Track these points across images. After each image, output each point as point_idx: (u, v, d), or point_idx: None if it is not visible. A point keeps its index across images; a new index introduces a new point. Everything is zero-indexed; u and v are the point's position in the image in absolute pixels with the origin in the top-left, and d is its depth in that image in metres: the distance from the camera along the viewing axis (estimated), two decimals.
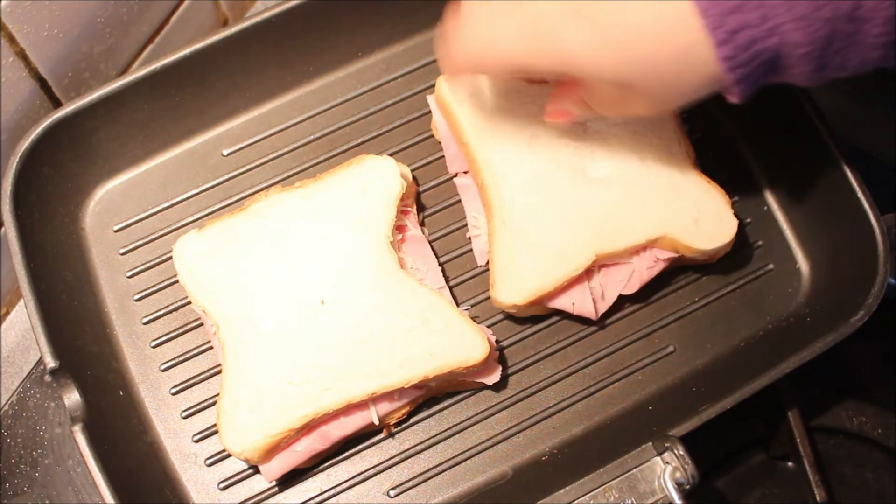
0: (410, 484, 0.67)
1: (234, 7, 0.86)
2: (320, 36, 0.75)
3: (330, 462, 0.67)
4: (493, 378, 0.66)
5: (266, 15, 0.71)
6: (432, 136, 0.75)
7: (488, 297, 0.69)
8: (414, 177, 0.73)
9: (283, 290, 0.65)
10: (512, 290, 0.65)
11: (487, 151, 0.68)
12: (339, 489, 0.67)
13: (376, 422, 0.65)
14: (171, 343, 0.70)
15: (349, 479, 0.67)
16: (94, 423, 0.61)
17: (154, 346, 0.70)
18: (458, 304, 0.70)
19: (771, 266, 0.73)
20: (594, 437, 0.67)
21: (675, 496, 0.58)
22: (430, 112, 0.74)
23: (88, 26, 0.72)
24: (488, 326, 0.69)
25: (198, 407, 0.68)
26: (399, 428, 0.68)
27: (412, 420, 0.68)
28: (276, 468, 0.64)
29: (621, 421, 0.68)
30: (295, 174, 0.75)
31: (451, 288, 0.70)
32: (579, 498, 0.59)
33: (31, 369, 0.76)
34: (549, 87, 0.70)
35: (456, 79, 0.68)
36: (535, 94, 0.69)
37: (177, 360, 0.70)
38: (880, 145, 0.83)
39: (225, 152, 0.75)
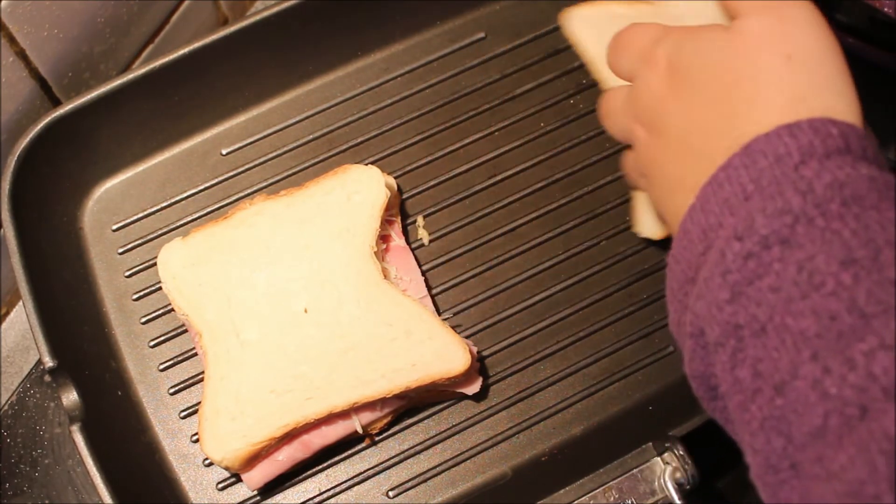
0: (410, 484, 0.67)
1: (234, 7, 0.86)
2: (320, 35, 0.75)
3: (329, 462, 0.67)
4: (474, 388, 0.66)
5: (266, 14, 0.71)
6: (431, 136, 0.75)
7: (470, 306, 0.69)
8: (399, 186, 0.73)
9: (266, 298, 0.65)
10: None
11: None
12: (338, 489, 0.67)
13: (359, 430, 0.65)
14: (169, 343, 0.70)
15: (348, 480, 0.67)
16: (92, 422, 0.61)
17: (152, 346, 0.70)
18: (439, 313, 0.70)
19: None
20: (594, 437, 0.67)
21: (676, 496, 0.58)
22: (430, 111, 0.75)
23: (88, 26, 0.71)
24: (471, 335, 0.69)
25: (196, 407, 0.68)
26: (398, 429, 0.68)
27: (411, 421, 0.68)
28: (257, 477, 0.64)
29: (621, 421, 0.68)
30: (294, 174, 0.74)
31: (433, 297, 0.70)
32: (579, 498, 0.59)
33: (31, 369, 0.76)
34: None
35: None
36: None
37: (175, 360, 0.70)
38: (880, 145, 0.82)
39: (224, 151, 0.75)
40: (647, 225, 0.66)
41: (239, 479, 0.66)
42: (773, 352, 0.36)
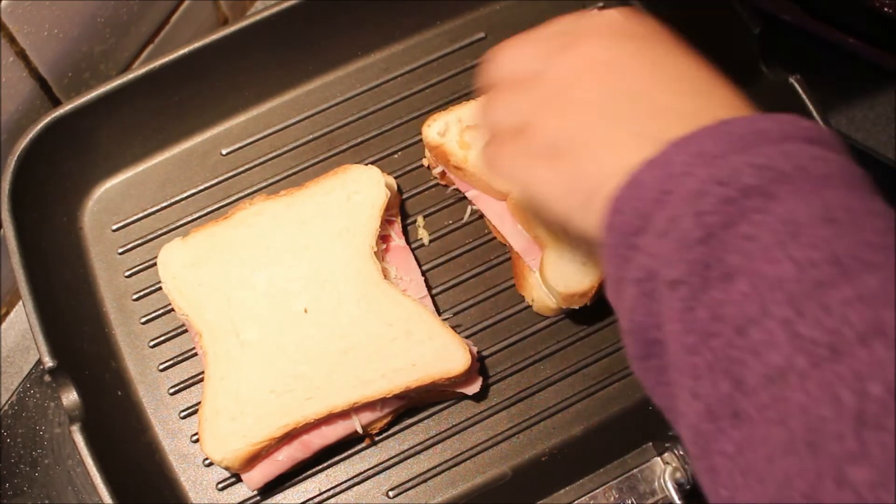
0: (410, 484, 0.67)
1: (234, 7, 0.86)
2: (320, 35, 0.75)
3: (329, 462, 0.67)
4: (474, 388, 0.66)
5: (266, 14, 0.71)
6: None
7: (470, 306, 0.70)
8: (399, 186, 0.73)
9: (266, 298, 0.65)
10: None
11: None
12: (338, 489, 0.67)
13: (360, 430, 0.65)
14: (169, 343, 0.70)
15: (349, 480, 0.67)
16: (92, 422, 0.61)
17: (152, 346, 0.70)
18: (439, 313, 0.70)
19: None
20: (594, 437, 0.67)
21: (676, 496, 0.58)
22: (430, 111, 0.74)
23: (88, 26, 0.71)
24: (471, 335, 0.69)
25: (196, 407, 0.68)
26: (398, 429, 0.68)
27: (411, 421, 0.68)
28: (257, 477, 0.64)
29: (621, 421, 0.68)
30: (294, 174, 0.75)
31: (433, 297, 0.70)
32: (579, 498, 0.59)
33: (31, 369, 0.75)
34: None
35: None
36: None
37: (175, 360, 0.70)
38: (880, 145, 0.82)
39: (224, 151, 0.75)
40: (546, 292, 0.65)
41: (239, 479, 0.66)
42: (739, 296, 0.35)
